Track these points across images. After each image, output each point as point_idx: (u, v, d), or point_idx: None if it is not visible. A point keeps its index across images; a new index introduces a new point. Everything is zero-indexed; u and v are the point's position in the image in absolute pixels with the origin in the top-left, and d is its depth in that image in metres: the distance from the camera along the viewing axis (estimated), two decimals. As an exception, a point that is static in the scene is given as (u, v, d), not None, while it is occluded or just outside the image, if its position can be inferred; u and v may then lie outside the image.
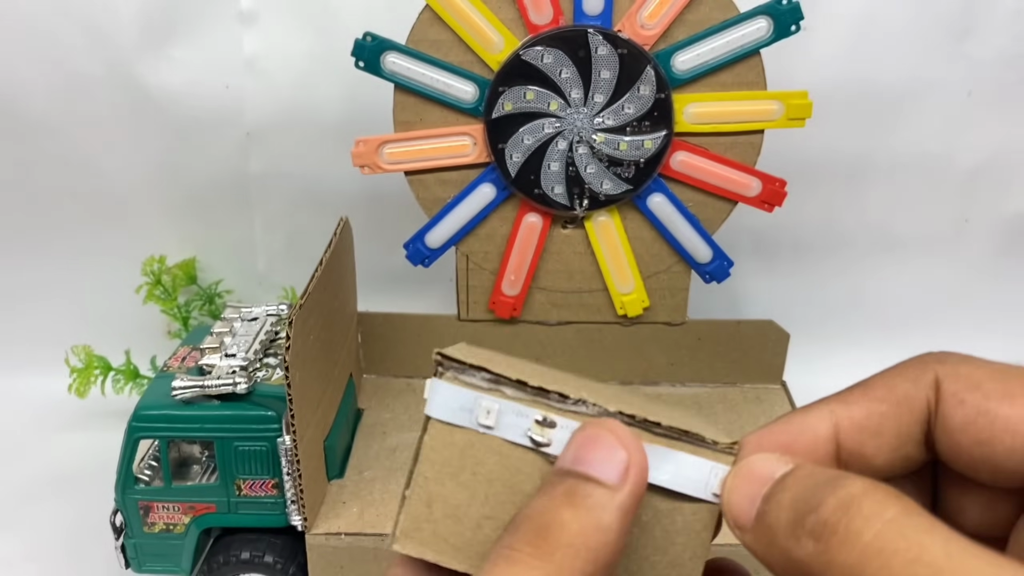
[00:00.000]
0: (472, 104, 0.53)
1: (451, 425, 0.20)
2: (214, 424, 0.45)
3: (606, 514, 0.18)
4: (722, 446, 0.20)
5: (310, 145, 0.68)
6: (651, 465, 0.20)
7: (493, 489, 0.20)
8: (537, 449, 0.20)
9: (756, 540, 0.18)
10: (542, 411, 0.20)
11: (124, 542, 0.48)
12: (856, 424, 0.20)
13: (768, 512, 0.18)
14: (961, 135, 0.69)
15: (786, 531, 0.17)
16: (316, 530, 0.46)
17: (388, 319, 0.61)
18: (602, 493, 0.18)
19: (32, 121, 0.67)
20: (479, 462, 0.20)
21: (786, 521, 0.17)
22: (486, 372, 0.20)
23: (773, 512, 0.18)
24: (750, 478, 0.19)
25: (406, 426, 0.56)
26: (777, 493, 0.18)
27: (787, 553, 0.17)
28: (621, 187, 0.54)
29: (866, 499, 0.16)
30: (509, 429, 0.20)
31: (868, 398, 0.20)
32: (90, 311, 0.72)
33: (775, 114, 0.53)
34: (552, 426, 0.20)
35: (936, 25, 0.65)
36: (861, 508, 0.16)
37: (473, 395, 0.20)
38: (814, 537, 0.17)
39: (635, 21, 0.51)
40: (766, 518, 0.18)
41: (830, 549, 0.16)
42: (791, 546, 0.17)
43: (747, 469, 0.20)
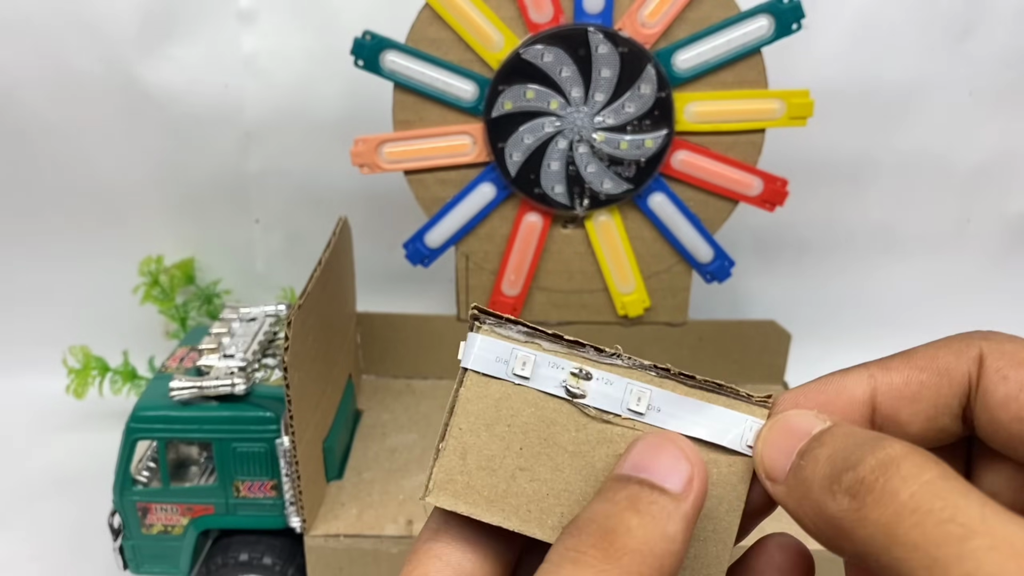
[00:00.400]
0: (472, 103, 0.53)
1: (487, 376, 0.20)
2: (212, 425, 0.45)
3: (672, 523, 0.18)
4: (756, 399, 0.21)
5: (309, 144, 0.67)
6: (688, 419, 0.20)
7: (528, 440, 0.20)
8: (572, 400, 0.20)
9: (789, 493, 0.19)
10: (578, 363, 0.20)
11: (122, 543, 0.47)
12: (894, 390, 0.20)
13: (804, 467, 0.18)
14: (962, 135, 0.69)
15: (821, 486, 0.18)
16: (315, 532, 0.45)
17: (387, 319, 0.61)
18: (667, 501, 0.18)
19: (30, 120, 0.66)
20: (514, 413, 0.20)
21: (822, 476, 0.18)
22: (522, 325, 0.20)
23: (809, 467, 0.18)
24: (786, 432, 0.20)
25: (405, 427, 0.56)
26: (814, 448, 0.19)
27: (820, 508, 0.18)
28: (622, 186, 0.54)
29: (905, 461, 0.17)
30: (545, 380, 0.20)
31: (909, 366, 0.20)
32: (88, 311, 0.72)
33: (776, 113, 0.53)
34: (588, 378, 0.20)
35: (937, 24, 0.65)
36: (899, 468, 0.16)
37: (509, 347, 0.20)
38: (850, 494, 0.17)
39: (636, 19, 0.51)
40: (801, 472, 0.18)
41: (865, 506, 0.16)
42: (825, 501, 0.17)
43: (784, 423, 0.20)
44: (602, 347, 0.20)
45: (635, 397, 0.20)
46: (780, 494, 0.19)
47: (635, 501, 0.18)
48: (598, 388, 0.20)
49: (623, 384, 0.20)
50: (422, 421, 0.56)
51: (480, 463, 0.20)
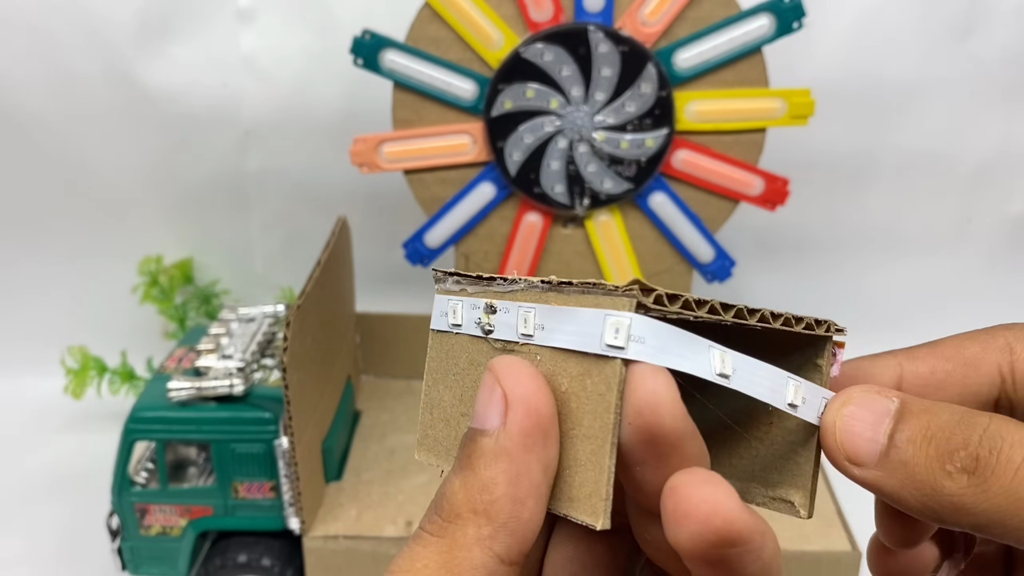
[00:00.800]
0: (472, 102, 0.53)
1: (439, 332, 0.21)
2: (211, 426, 0.45)
3: (488, 468, 0.17)
4: (622, 289, 0.17)
5: (308, 144, 0.67)
6: (562, 330, 0.18)
7: (465, 386, 0.20)
8: (486, 337, 0.20)
9: (887, 477, 0.19)
10: (488, 299, 0.20)
11: (121, 544, 0.47)
12: (920, 378, 0.21)
13: (901, 450, 0.19)
14: (964, 134, 0.69)
15: (931, 468, 0.18)
16: (314, 533, 0.45)
17: (387, 320, 0.60)
18: (487, 443, 0.17)
19: (28, 119, 0.66)
20: (455, 360, 0.21)
21: (928, 458, 0.18)
22: (457, 275, 0.20)
23: (908, 449, 0.19)
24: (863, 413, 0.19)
25: (405, 428, 0.55)
26: (904, 430, 0.19)
27: (933, 488, 0.18)
28: (622, 186, 0.54)
29: (1002, 428, 0.18)
30: (469, 323, 0.20)
31: (935, 355, 0.21)
32: (87, 311, 0.72)
33: (777, 112, 0.52)
34: (494, 311, 0.20)
35: (939, 23, 0.65)
36: (1005, 435, 0.17)
37: (446, 299, 0.21)
38: (967, 471, 0.18)
39: (636, 18, 0.51)
40: (899, 455, 0.19)
41: (987, 480, 0.17)
42: (939, 482, 0.18)
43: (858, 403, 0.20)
44: (509, 276, 0.20)
45: (523, 319, 0.19)
46: (873, 479, 0.19)
47: (467, 458, 0.17)
48: (500, 319, 0.19)
49: (515, 309, 0.19)
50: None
51: (440, 415, 0.21)
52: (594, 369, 0.18)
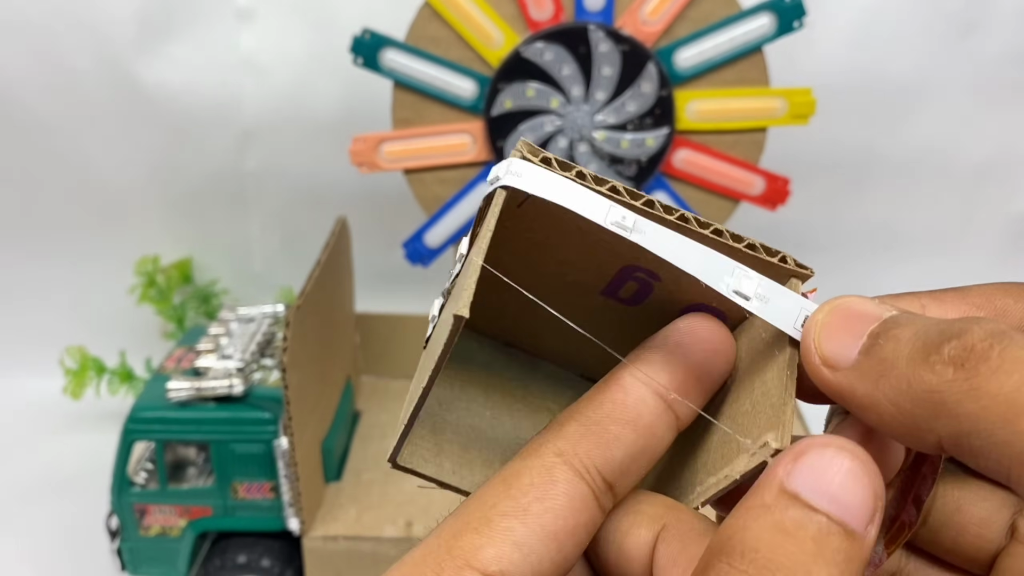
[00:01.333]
0: (472, 101, 0.53)
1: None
2: (210, 426, 0.45)
3: (860, 568, 0.15)
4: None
5: (308, 143, 0.67)
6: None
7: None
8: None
9: (860, 376, 0.16)
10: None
11: (120, 545, 0.47)
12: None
13: (881, 346, 0.16)
14: (965, 133, 0.68)
15: (912, 360, 0.15)
16: (313, 533, 0.45)
17: (387, 320, 0.60)
18: (850, 546, 0.15)
19: (27, 118, 0.66)
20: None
21: (912, 351, 0.15)
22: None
23: (889, 345, 0.16)
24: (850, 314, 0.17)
25: (405, 428, 0.55)
26: (891, 329, 0.16)
27: (912, 382, 0.15)
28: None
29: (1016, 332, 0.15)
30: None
31: (964, 302, 0.19)
32: (85, 311, 0.71)
33: (778, 111, 0.52)
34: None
35: (940, 22, 0.65)
36: (1013, 337, 0.14)
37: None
38: (955, 363, 0.15)
39: (637, 17, 0.51)
40: (878, 351, 0.16)
41: (978, 375, 0.14)
42: (920, 374, 0.15)
43: (845, 305, 0.17)
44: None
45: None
46: (844, 382, 0.16)
47: (822, 546, 0.14)
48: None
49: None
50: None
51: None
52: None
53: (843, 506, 0.15)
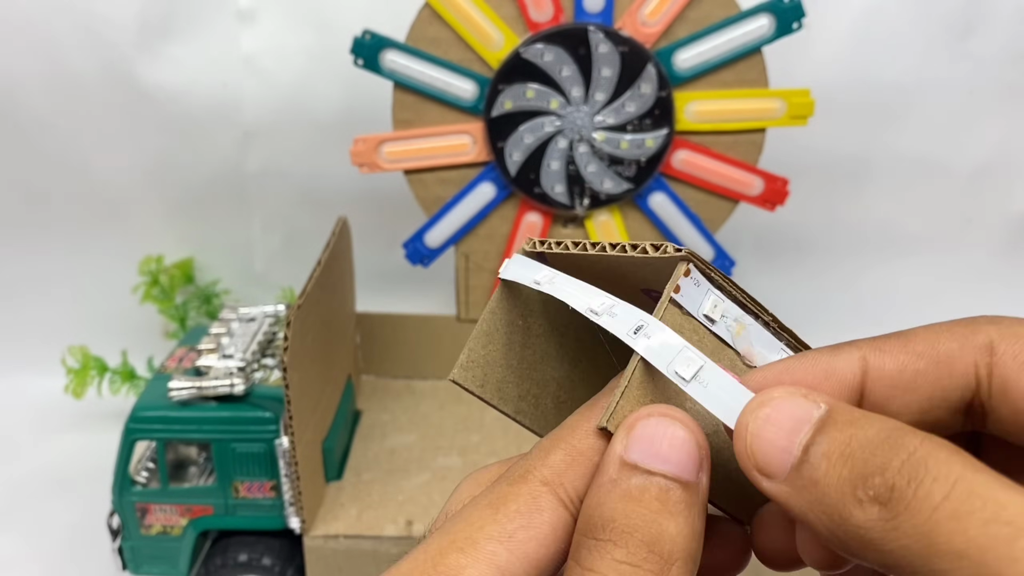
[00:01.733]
0: (472, 102, 0.53)
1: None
2: (211, 426, 0.45)
3: (697, 519, 0.17)
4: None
5: (308, 144, 0.67)
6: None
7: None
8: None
9: (795, 495, 0.16)
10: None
11: (121, 544, 0.47)
12: (887, 376, 0.18)
13: (814, 466, 0.16)
14: (963, 134, 0.69)
15: (841, 492, 0.16)
16: (314, 532, 0.45)
17: (387, 320, 0.60)
18: (691, 495, 0.17)
19: (29, 119, 0.66)
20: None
21: (840, 480, 0.16)
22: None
23: (821, 467, 0.16)
24: (779, 420, 0.17)
25: (405, 428, 0.55)
26: (821, 443, 0.16)
27: (843, 517, 0.16)
28: (622, 186, 0.54)
29: (927, 458, 0.15)
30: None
31: (906, 351, 0.18)
32: (87, 311, 0.72)
33: (777, 112, 0.52)
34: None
35: (938, 23, 0.65)
36: (928, 468, 0.15)
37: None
38: (879, 502, 0.15)
39: (636, 19, 0.51)
40: (811, 472, 0.16)
41: (898, 515, 0.15)
42: (850, 510, 0.15)
43: (775, 407, 0.17)
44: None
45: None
46: (781, 494, 0.17)
47: (665, 501, 0.17)
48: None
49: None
50: (422, 422, 0.56)
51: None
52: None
53: (675, 464, 0.17)
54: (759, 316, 0.21)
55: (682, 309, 0.19)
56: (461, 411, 0.57)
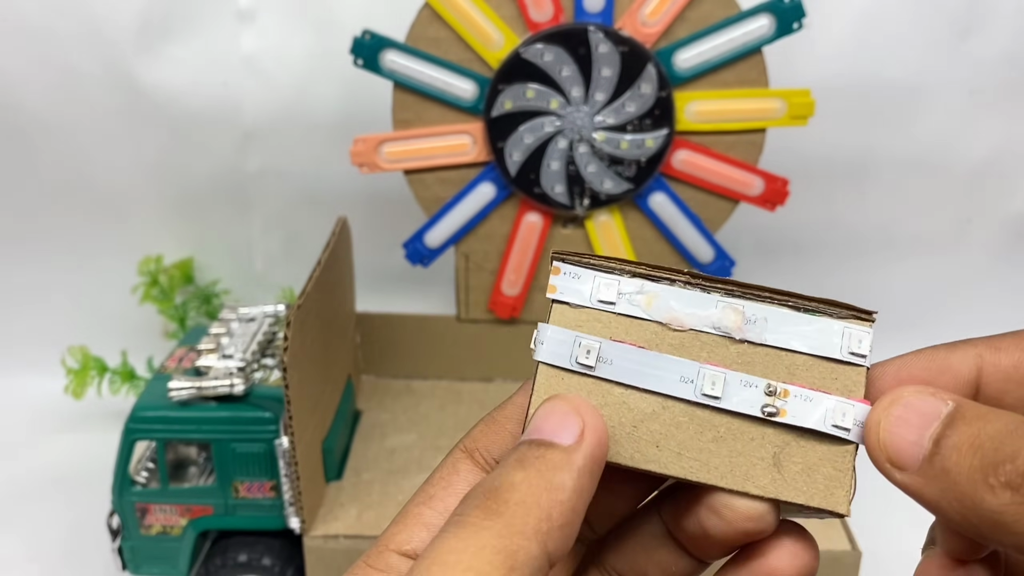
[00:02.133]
0: (472, 102, 0.53)
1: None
2: (211, 426, 0.45)
3: (559, 473, 0.18)
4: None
5: (308, 144, 0.67)
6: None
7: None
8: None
9: (927, 484, 0.18)
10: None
11: (121, 544, 0.47)
12: (1003, 371, 0.20)
13: (945, 456, 0.18)
14: (964, 134, 0.69)
15: (972, 479, 0.17)
16: (314, 532, 0.45)
17: (387, 319, 0.61)
18: (555, 454, 0.18)
19: (29, 119, 0.66)
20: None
21: (972, 468, 0.17)
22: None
23: (952, 456, 0.18)
24: (911, 415, 0.18)
25: (405, 428, 0.55)
26: (951, 435, 0.18)
27: (975, 502, 0.17)
28: (622, 186, 0.54)
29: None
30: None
31: (1021, 347, 0.20)
32: (87, 311, 0.72)
33: (777, 112, 0.52)
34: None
35: (938, 23, 0.65)
36: None
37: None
38: (1012, 487, 0.16)
39: (636, 19, 0.51)
40: (943, 462, 0.18)
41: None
42: (981, 495, 0.17)
43: (906, 404, 0.19)
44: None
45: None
46: (914, 484, 0.18)
47: (522, 460, 0.18)
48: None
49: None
50: (422, 422, 0.56)
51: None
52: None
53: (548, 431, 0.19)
54: (673, 280, 0.21)
55: (571, 305, 0.21)
56: (461, 411, 0.57)
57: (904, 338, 0.80)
